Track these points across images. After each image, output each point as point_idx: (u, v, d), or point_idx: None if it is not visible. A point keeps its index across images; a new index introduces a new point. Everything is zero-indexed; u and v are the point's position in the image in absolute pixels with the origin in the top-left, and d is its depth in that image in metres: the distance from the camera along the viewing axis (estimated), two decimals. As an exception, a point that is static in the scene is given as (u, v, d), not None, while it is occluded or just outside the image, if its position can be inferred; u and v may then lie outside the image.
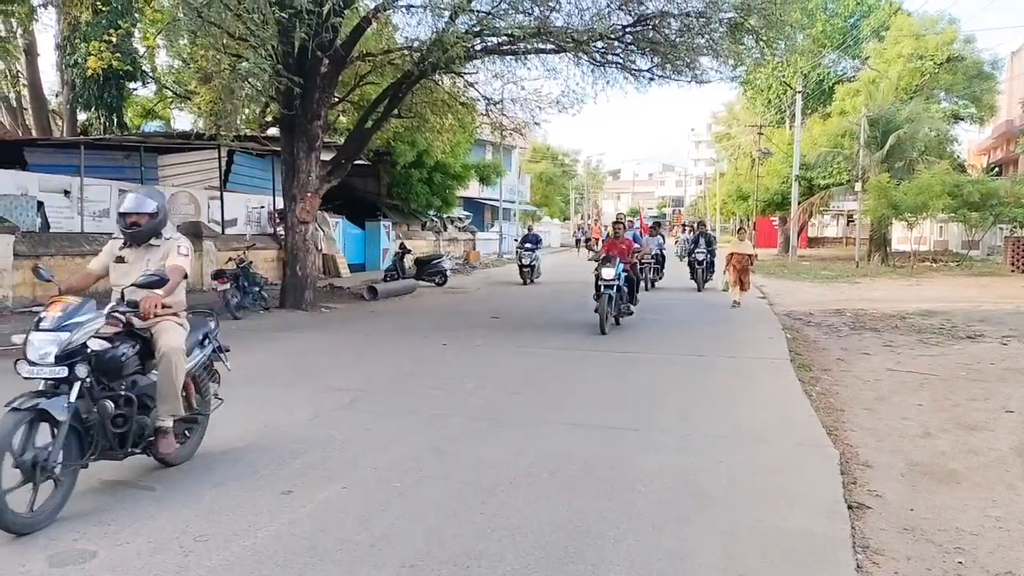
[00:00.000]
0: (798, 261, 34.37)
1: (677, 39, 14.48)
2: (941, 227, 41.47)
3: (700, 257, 20.90)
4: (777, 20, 14.16)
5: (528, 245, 24.37)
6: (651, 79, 15.97)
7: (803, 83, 38.61)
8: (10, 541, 3.99)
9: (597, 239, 30.90)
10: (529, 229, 28.50)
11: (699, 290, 20.49)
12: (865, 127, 32.47)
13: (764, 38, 14.92)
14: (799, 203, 36.38)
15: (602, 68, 15.87)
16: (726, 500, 4.79)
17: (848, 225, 53.07)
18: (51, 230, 15.70)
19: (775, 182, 40.33)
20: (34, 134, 24.44)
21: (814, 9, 35.16)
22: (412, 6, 14.95)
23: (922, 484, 5.18)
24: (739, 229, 18.63)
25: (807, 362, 9.81)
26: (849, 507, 4.67)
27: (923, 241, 38.97)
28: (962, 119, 39.74)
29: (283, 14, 11.75)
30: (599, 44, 14.72)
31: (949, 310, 15.10)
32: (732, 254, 16.93)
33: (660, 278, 22.29)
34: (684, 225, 39.94)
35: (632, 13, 14.42)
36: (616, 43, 15.06)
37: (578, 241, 44.92)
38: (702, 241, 21.16)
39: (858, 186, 32.61)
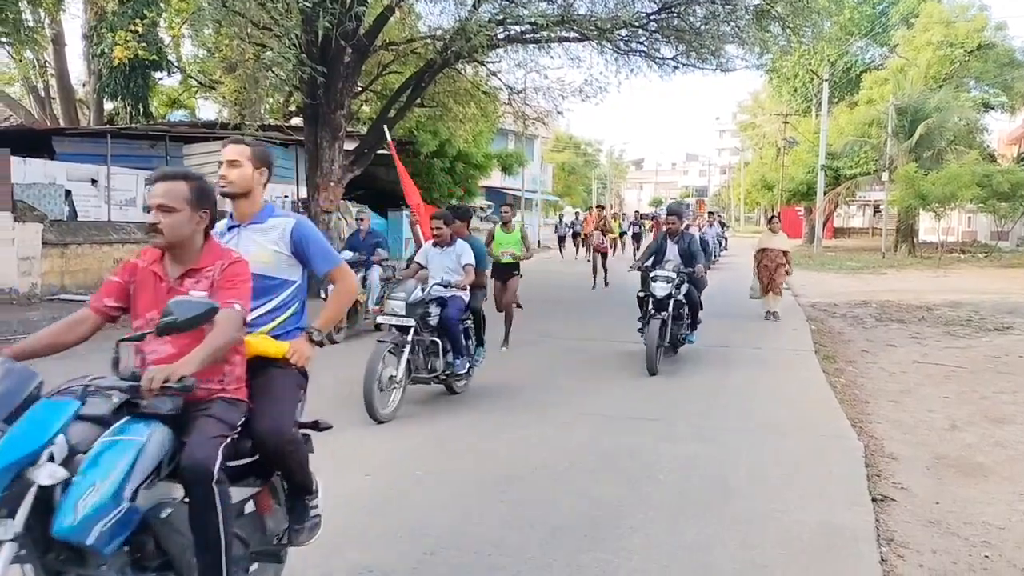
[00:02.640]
0: (823, 252, 34.03)
1: (702, 26, 14.34)
2: (970, 217, 40.87)
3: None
4: (804, 7, 14.00)
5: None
6: (675, 67, 15.84)
7: (830, 71, 38.09)
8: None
9: (588, 234, 23.28)
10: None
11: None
12: (893, 116, 32.02)
13: (791, 25, 14.75)
14: (825, 193, 35.98)
15: (626, 56, 15.76)
16: (747, 491, 4.76)
17: (875, 215, 52.45)
18: (79, 219, 15.87)
19: (800, 171, 39.90)
20: (62, 123, 24.69)
21: (842, -5, 34.67)
22: (435, -6, 14.94)
23: (948, 477, 5.13)
24: (770, 219, 14.18)
25: (832, 353, 9.73)
26: (873, 500, 4.63)
27: (951, 232, 38.44)
28: (992, 108, 39.05)
29: (307, 3, 11.76)
30: (623, 32, 14.62)
31: (977, 302, 14.89)
32: (762, 251, 13.02)
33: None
34: (711, 213, 33.32)
35: (657, 0, 14.31)
36: (640, 31, 14.95)
37: (561, 238, 32.55)
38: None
39: (885, 176, 32.21)
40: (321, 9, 11.76)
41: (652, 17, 14.65)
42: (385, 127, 11.75)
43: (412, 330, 6.38)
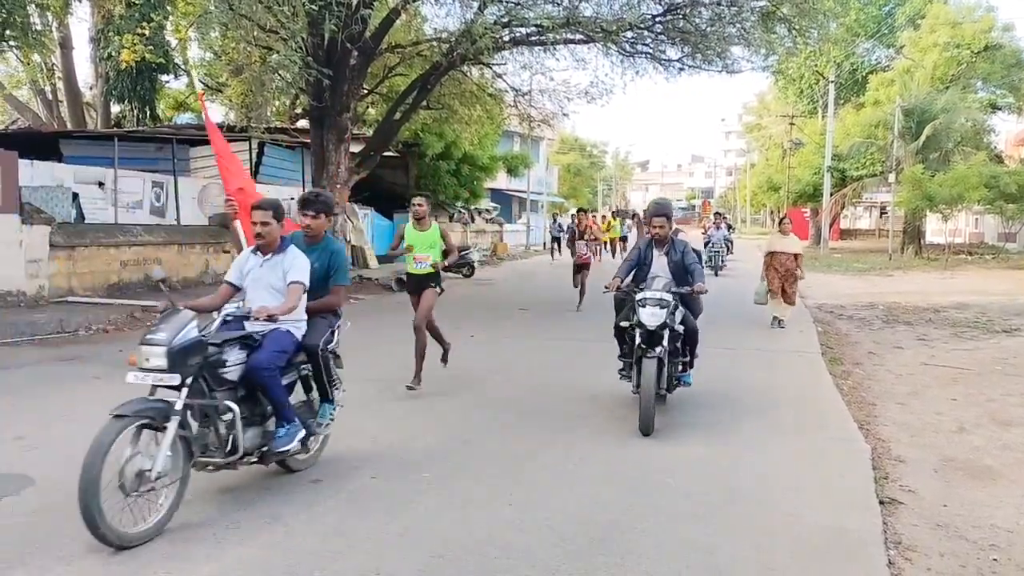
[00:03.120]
0: (830, 253, 33.97)
1: (708, 28, 14.36)
2: (977, 219, 40.76)
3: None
4: (810, 8, 14.00)
5: None
6: (681, 69, 15.88)
7: (836, 73, 38.03)
8: (48, 528, 4.06)
9: (577, 238, 16.34)
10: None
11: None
12: (899, 117, 31.96)
13: (796, 27, 14.76)
14: (831, 194, 35.92)
15: (631, 58, 15.80)
16: (755, 494, 4.76)
17: (881, 217, 52.34)
18: (86, 221, 15.93)
19: (807, 173, 39.85)
20: (69, 126, 24.81)
21: (848, -3, 34.60)
22: (441, -3, 14.99)
23: (956, 480, 5.11)
24: (780, 220, 13.44)
25: (838, 355, 9.71)
26: (881, 502, 4.62)
27: (958, 233, 38.32)
28: (1000, 109, 38.91)
29: (313, 6, 11.82)
30: (628, 34, 14.64)
31: (984, 303, 14.85)
32: (772, 254, 12.28)
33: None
34: (717, 214, 28.93)
35: (662, 2, 14.35)
36: (646, 33, 14.98)
37: (556, 240, 29.88)
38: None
39: (892, 177, 32.14)
40: (327, 12, 11.80)
41: (657, 19, 14.67)
42: (202, 98, 9.25)
43: (184, 391, 4.05)
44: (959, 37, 35.15)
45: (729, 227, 27.97)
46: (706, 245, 23.08)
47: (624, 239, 27.42)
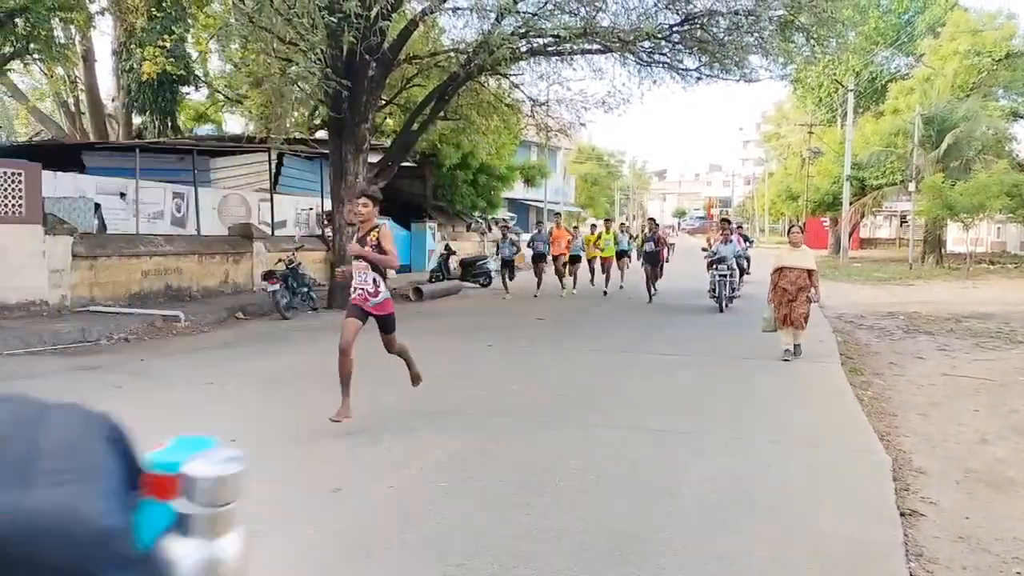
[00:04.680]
0: (849, 263, 33.74)
1: (726, 37, 14.36)
2: (999, 228, 40.36)
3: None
4: (828, 17, 13.97)
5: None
6: (699, 78, 15.86)
7: (855, 81, 37.87)
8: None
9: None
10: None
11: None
12: (919, 126, 31.75)
13: (815, 36, 14.73)
14: (851, 203, 35.72)
15: (649, 68, 15.81)
16: (775, 505, 4.73)
17: (901, 226, 51.94)
18: (108, 231, 16.11)
19: (826, 182, 39.65)
20: (91, 138, 25.10)
21: (867, 6, 34.42)
22: (459, 8, 15.08)
23: (978, 492, 5.06)
24: (790, 229, 11.44)
25: (858, 366, 9.64)
26: (902, 514, 4.58)
27: (979, 242, 37.92)
28: (1022, 117, 38.63)
29: (332, 18, 11.94)
30: (646, 44, 14.67)
31: (1007, 313, 14.69)
32: (780, 270, 10.16)
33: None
34: (725, 221, 17.74)
35: (679, 12, 14.35)
36: (663, 42, 15.00)
37: (507, 264, 19.77)
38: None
39: (912, 186, 31.91)
40: (346, 24, 11.91)
41: (675, 29, 14.69)
42: None
43: None
44: (980, 45, 34.94)
45: (746, 239, 20.83)
46: (710, 267, 15.97)
47: (624, 254, 20.41)
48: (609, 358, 10.16)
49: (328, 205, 18.55)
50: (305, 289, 15.01)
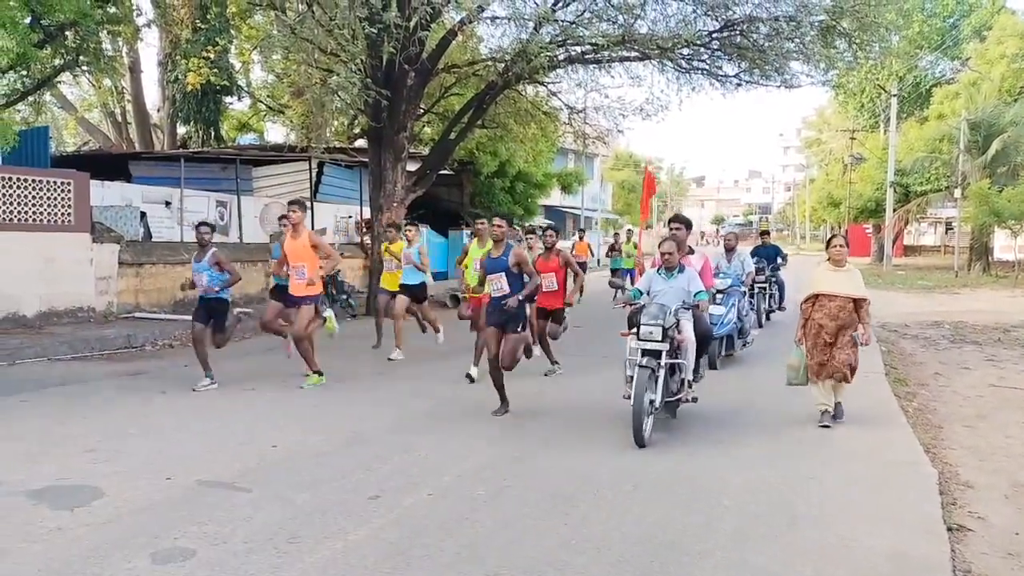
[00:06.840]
0: (893, 270, 33.15)
1: (766, 44, 14.21)
2: (1049, 235, 39.33)
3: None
4: (871, 22, 13.76)
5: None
6: (738, 85, 15.69)
7: (898, 86, 37.23)
8: (115, 538, 4.19)
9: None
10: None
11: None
12: (965, 131, 31.13)
13: (857, 41, 14.51)
14: (894, 210, 35.11)
15: (687, 74, 15.70)
16: (817, 518, 4.66)
17: (947, 233, 50.86)
18: (153, 239, 16.44)
19: (868, 188, 39.02)
20: (137, 147, 25.66)
21: (911, 10, 33.74)
22: (497, 18, 15.13)
23: (1029, 507, 4.93)
24: (830, 241, 7.44)
25: (903, 376, 9.47)
26: (949, 529, 4.48)
27: (1028, 250, 37.07)
28: (1072, 121, 37.62)
29: (372, 29, 12.08)
30: (684, 51, 14.56)
31: (1058, 323, 14.31)
32: (815, 298, 7.08)
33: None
34: (731, 235, 13.11)
35: (719, 19, 14.22)
36: (702, 49, 14.88)
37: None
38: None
39: (957, 192, 31.28)
40: (386, 35, 12.05)
41: (714, 35, 14.57)
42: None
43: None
44: (1028, 48, 34.11)
45: (778, 255, 15.05)
46: (631, 323, 7.54)
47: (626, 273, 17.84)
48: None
49: (367, 212, 18.73)
50: (344, 296, 15.16)
